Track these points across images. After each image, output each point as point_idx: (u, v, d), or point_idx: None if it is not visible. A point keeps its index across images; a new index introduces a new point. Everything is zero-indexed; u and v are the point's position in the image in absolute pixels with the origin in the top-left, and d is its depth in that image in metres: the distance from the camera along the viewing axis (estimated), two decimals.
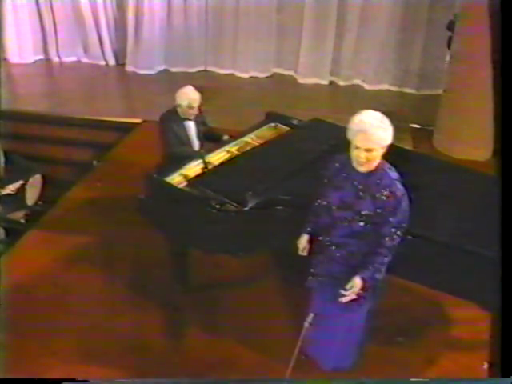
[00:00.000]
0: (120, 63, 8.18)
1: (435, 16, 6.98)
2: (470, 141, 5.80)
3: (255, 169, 3.62)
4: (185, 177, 3.70)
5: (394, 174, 2.84)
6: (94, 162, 5.75)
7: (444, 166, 3.95)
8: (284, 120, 4.40)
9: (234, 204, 3.26)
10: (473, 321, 3.69)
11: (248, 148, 4.05)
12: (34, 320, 3.78)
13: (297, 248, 3.13)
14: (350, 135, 2.76)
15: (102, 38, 8.08)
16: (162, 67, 8.06)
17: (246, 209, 3.24)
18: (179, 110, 4.31)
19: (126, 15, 7.86)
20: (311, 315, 3.06)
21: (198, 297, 4.03)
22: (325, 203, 2.95)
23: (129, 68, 8.07)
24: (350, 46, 7.57)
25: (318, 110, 6.34)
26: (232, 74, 8.00)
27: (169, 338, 3.72)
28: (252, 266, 4.19)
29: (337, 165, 2.93)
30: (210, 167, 3.79)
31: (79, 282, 4.17)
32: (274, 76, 7.98)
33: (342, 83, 7.78)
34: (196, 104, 4.29)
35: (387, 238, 2.83)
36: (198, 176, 3.60)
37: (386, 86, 7.62)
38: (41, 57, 8.30)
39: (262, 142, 4.15)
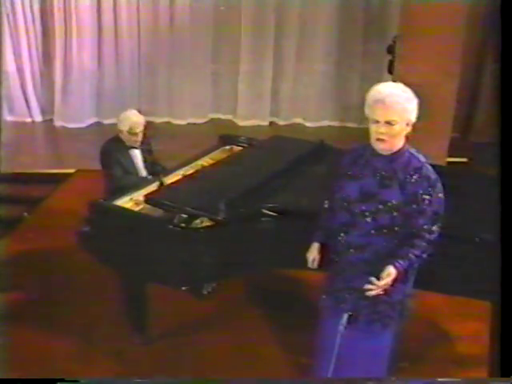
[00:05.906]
0: (47, 119, 7.64)
1: (369, 46, 7.04)
2: None
3: (223, 180, 3.19)
4: (136, 202, 3.22)
5: (422, 157, 2.44)
6: (25, 214, 5.15)
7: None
8: (238, 141, 4.06)
9: (206, 214, 2.77)
10: (476, 333, 3.35)
11: None
12: None
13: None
14: (367, 110, 2.36)
15: (27, 94, 7.54)
16: (93, 120, 7.58)
17: (219, 219, 2.75)
18: (122, 136, 3.87)
19: (54, 67, 7.38)
20: (345, 315, 2.49)
21: (160, 347, 3.44)
22: (340, 198, 2.49)
23: (57, 123, 7.51)
24: (288, 85, 7.45)
25: None
26: (168, 122, 7.64)
27: None
28: (226, 302, 3.67)
29: (353, 154, 2.51)
30: None
31: (15, 346, 3.47)
32: (211, 121, 7.70)
33: (282, 123, 7.59)
34: (139, 129, 3.87)
35: (424, 230, 2.39)
36: (154, 192, 3.12)
37: (327, 122, 7.50)
38: None
39: None
